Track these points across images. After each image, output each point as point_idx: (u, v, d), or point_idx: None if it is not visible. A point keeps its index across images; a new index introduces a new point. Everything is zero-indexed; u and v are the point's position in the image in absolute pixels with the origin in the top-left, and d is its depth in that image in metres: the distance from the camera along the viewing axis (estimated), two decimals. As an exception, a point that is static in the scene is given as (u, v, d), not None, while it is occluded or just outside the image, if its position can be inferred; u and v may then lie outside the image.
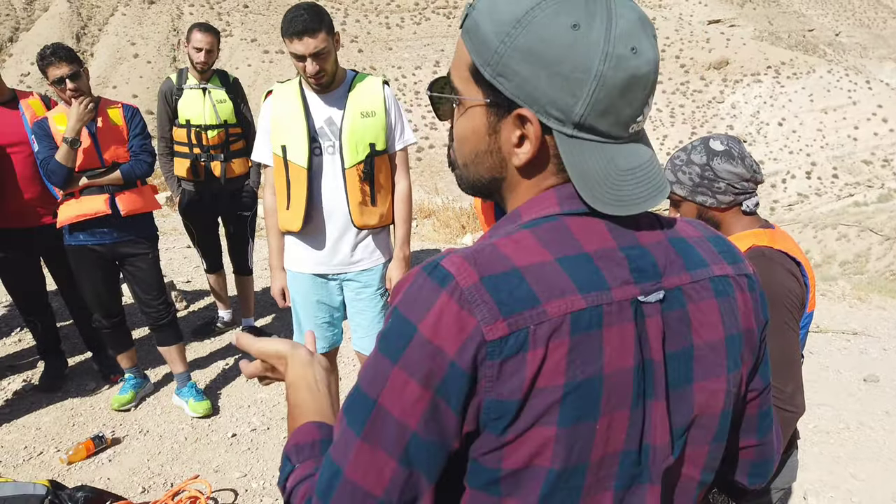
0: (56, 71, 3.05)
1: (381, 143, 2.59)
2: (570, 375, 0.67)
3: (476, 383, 0.67)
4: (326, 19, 2.40)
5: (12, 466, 3.14)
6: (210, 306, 5.04)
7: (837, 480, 3.27)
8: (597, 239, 0.72)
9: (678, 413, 0.76)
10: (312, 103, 2.55)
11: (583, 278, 0.69)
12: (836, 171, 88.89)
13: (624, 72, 0.68)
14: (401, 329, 0.69)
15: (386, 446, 0.69)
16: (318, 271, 2.71)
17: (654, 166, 0.75)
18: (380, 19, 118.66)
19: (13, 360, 4.13)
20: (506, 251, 0.70)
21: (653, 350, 0.73)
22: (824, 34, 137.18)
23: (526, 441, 0.68)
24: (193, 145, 3.94)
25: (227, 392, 3.82)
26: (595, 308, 0.68)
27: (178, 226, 7.35)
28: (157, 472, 3.12)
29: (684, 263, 0.77)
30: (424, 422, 0.68)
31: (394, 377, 0.68)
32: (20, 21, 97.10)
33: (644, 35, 0.70)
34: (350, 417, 0.72)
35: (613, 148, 0.72)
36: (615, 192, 0.71)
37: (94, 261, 3.34)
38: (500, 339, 0.66)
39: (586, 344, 0.68)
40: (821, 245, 30.35)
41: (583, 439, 0.69)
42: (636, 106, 0.71)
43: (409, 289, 0.71)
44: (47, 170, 3.10)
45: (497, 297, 0.66)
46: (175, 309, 3.68)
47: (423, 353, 0.67)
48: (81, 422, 3.50)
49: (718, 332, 0.78)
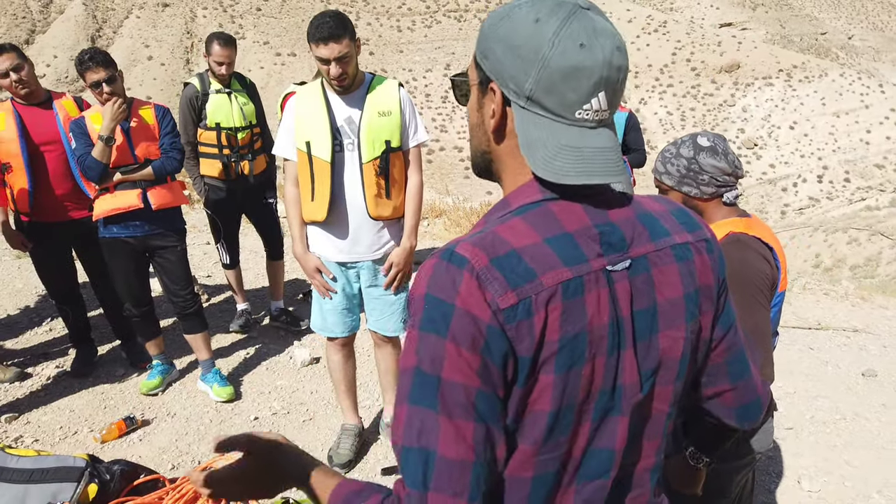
0: (94, 75, 3.24)
1: (396, 140, 2.80)
2: (563, 332, 0.85)
3: (509, 341, 0.83)
4: (350, 26, 2.61)
5: (49, 445, 3.34)
6: (231, 299, 5.23)
7: (831, 467, 3.41)
8: (576, 219, 0.89)
9: (646, 358, 0.94)
10: (334, 103, 2.76)
11: (567, 254, 0.87)
12: (847, 175, 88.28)
13: (567, 60, 0.85)
14: (441, 309, 0.83)
15: (461, 413, 0.82)
16: (339, 259, 2.91)
17: (603, 154, 0.89)
18: (391, 22, 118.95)
19: (46, 348, 4.34)
20: (504, 236, 0.87)
21: (622, 309, 0.90)
22: (837, 37, 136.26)
23: (534, 389, 0.86)
24: (223, 146, 4.14)
25: (248, 378, 4.01)
26: (579, 277, 0.86)
27: (198, 223, 7.56)
28: (185, 450, 3.31)
29: (649, 235, 0.94)
30: (481, 378, 0.83)
31: (449, 350, 0.82)
32: (36, 23, 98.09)
33: (599, 40, 0.85)
34: (421, 400, 0.83)
35: (558, 126, 0.88)
36: (550, 161, 0.87)
37: (126, 252, 3.54)
38: (512, 307, 0.82)
39: (574, 306, 0.86)
40: (831, 249, 30.23)
41: (572, 383, 0.87)
42: (581, 93, 0.86)
43: (434, 275, 0.86)
44: (84, 166, 3.30)
45: (504, 273, 0.83)
46: (200, 299, 3.87)
47: (465, 322, 0.82)
48: (112, 405, 3.70)
49: (678, 290, 0.95)
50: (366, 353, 4.27)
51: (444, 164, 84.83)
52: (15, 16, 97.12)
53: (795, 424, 3.80)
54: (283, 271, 4.76)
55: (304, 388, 3.93)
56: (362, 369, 4.06)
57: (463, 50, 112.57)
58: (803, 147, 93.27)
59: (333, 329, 3.03)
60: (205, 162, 4.23)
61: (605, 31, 0.87)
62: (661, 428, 1.00)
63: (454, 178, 75.09)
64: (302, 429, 3.53)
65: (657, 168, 1.88)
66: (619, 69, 0.87)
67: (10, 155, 3.55)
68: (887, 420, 3.94)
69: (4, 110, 3.58)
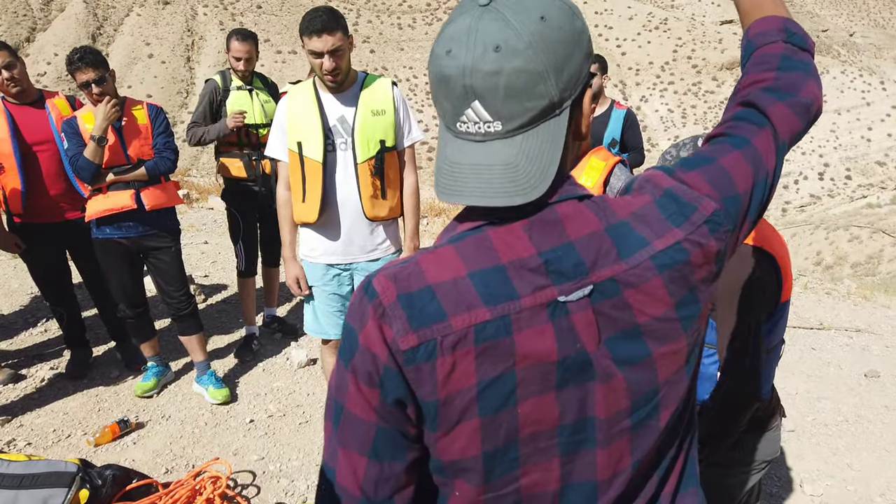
0: (83, 76, 3.20)
1: (390, 139, 2.76)
2: (481, 375, 0.79)
3: (407, 384, 0.79)
4: (342, 21, 2.58)
5: (42, 448, 3.30)
6: (228, 299, 5.20)
7: (834, 470, 3.37)
8: (515, 248, 0.80)
9: (640, 383, 0.84)
10: (326, 102, 2.71)
11: (491, 291, 0.79)
12: (849, 172, 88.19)
13: (436, 68, 0.81)
14: (348, 338, 0.83)
15: (355, 447, 0.82)
16: (331, 261, 2.86)
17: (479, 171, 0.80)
18: (392, 20, 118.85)
19: (40, 349, 4.30)
20: (425, 268, 0.81)
21: (585, 342, 0.81)
22: (838, 34, 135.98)
23: (457, 436, 0.81)
24: (245, 144, 4.06)
25: (244, 380, 3.97)
26: (501, 318, 0.78)
27: (196, 222, 7.53)
28: (179, 454, 3.27)
29: (618, 252, 0.81)
30: (380, 414, 0.81)
31: (350, 381, 0.82)
32: (37, 21, 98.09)
33: (469, 42, 0.76)
34: (330, 422, 0.86)
35: (448, 136, 0.84)
36: (436, 174, 0.84)
37: (119, 253, 3.49)
38: (412, 349, 0.78)
39: (493, 349, 0.78)
40: (832, 247, 30.18)
41: (507, 423, 0.81)
42: (452, 102, 0.80)
43: (353, 302, 0.84)
44: (76, 166, 3.26)
45: (410, 312, 0.78)
46: (196, 300, 3.83)
47: (364, 358, 0.80)
48: (106, 407, 3.66)
49: (665, 304, 0.83)
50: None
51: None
52: (16, 13, 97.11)
53: (797, 426, 3.76)
54: (277, 278, 4.67)
55: (300, 390, 3.89)
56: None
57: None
58: (804, 144, 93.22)
59: (327, 331, 2.99)
60: (228, 160, 4.13)
61: (483, 31, 0.76)
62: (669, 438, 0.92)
63: (455, 175, 74.65)
64: (298, 431, 3.49)
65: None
66: (491, 75, 0.75)
67: (2, 155, 3.50)
68: (890, 422, 3.90)
69: (-4, 110, 3.53)
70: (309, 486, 3.05)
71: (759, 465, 1.84)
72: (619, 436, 0.86)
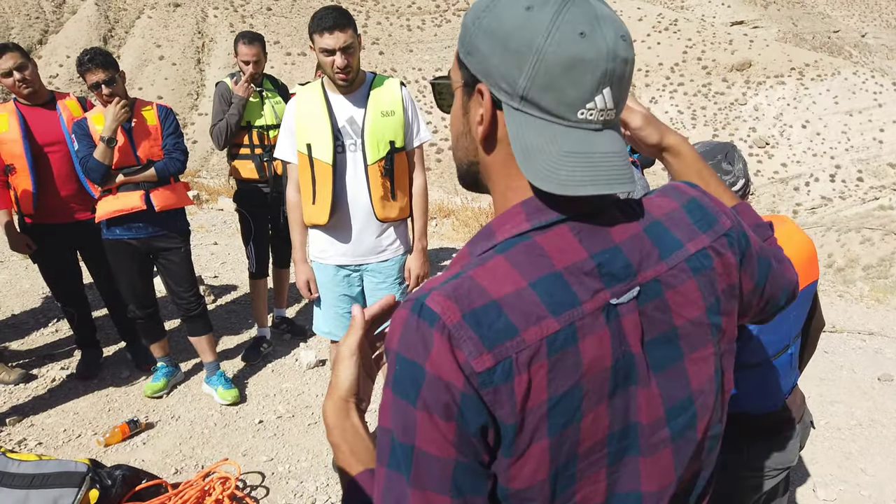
0: (93, 77, 3.21)
1: (399, 140, 2.76)
2: (553, 390, 0.74)
3: (487, 408, 0.73)
4: (353, 19, 2.59)
5: (53, 448, 3.31)
6: (238, 300, 5.21)
7: (847, 475, 3.34)
8: (567, 253, 0.78)
9: (673, 389, 0.83)
10: (335, 104, 2.69)
11: (555, 299, 0.75)
12: (860, 173, 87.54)
13: (566, 51, 0.73)
14: (411, 372, 0.74)
15: (436, 486, 0.73)
16: (342, 262, 2.85)
17: (613, 158, 0.78)
18: (401, 21, 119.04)
19: (51, 349, 4.32)
20: (482, 282, 0.75)
21: (631, 344, 0.79)
22: (850, 35, 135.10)
23: (527, 461, 0.75)
24: (255, 146, 4.06)
25: (253, 381, 3.97)
26: (568, 327, 0.75)
27: (205, 223, 7.56)
28: (189, 454, 3.28)
29: (659, 253, 0.82)
30: (458, 448, 0.73)
31: (420, 419, 0.73)
32: (49, 24, 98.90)
33: (602, 28, 0.74)
34: (394, 465, 0.76)
35: (559, 129, 0.77)
36: (553, 170, 0.75)
37: (129, 254, 3.51)
38: (488, 370, 0.72)
39: (564, 360, 0.74)
40: (844, 249, 29.96)
41: (570, 440, 0.77)
42: (583, 90, 0.75)
43: (403, 333, 0.75)
44: (86, 167, 3.27)
45: (479, 331, 0.72)
46: (205, 301, 3.83)
47: (436, 388, 0.72)
48: (116, 407, 3.67)
49: (699, 308, 0.84)
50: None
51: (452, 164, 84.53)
52: (28, 16, 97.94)
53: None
54: (288, 279, 4.67)
55: (309, 391, 3.89)
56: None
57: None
58: (815, 146, 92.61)
59: (335, 332, 2.98)
60: (240, 163, 4.13)
61: (608, 17, 0.76)
62: (705, 452, 0.90)
63: (464, 177, 74.56)
64: (307, 432, 3.49)
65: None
66: (625, 61, 0.76)
67: (13, 156, 3.52)
68: (904, 426, 3.85)
69: (7, 111, 3.56)
70: (318, 488, 3.04)
71: (771, 471, 1.82)
72: (661, 445, 0.84)
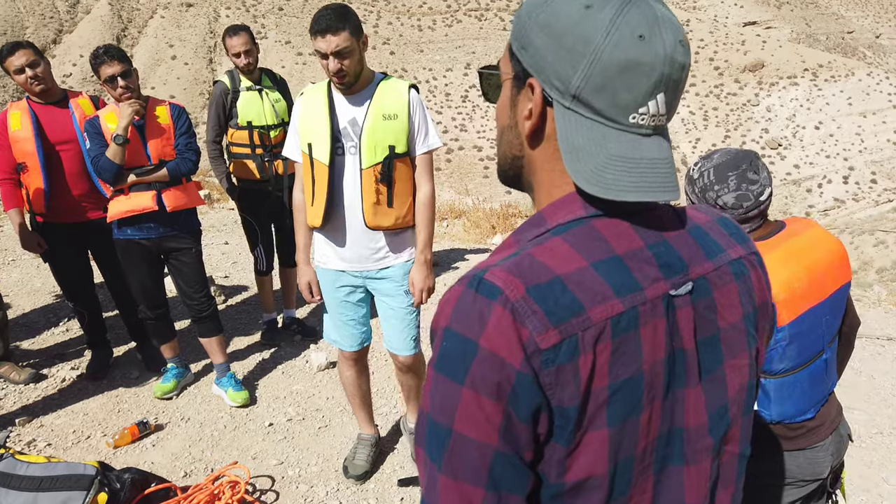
0: (108, 69, 3.18)
1: (401, 145, 2.61)
2: (614, 376, 0.71)
3: (542, 391, 0.69)
4: (353, 20, 2.43)
5: (62, 449, 3.29)
6: (248, 300, 5.18)
7: (868, 484, 3.26)
8: (625, 239, 0.76)
9: (713, 394, 0.81)
10: (339, 104, 2.61)
11: (618, 281, 0.73)
12: (874, 175, 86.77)
13: (624, 53, 0.71)
14: (462, 347, 0.70)
15: (469, 477, 0.70)
16: (341, 268, 2.76)
17: (660, 165, 0.76)
18: (412, 21, 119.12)
19: (62, 349, 4.31)
20: (544, 260, 0.72)
21: (684, 340, 0.77)
22: (864, 36, 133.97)
23: (584, 450, 0.72)
24: (256, 146, 4.01)
25: (264, 383, 3.94)
26: (632, 309, 0.72)
27: (216, 223, 7.55)
28: (198, 457, 3.25)
29: (705, 253, 0.82)
30: (502, 436, 0.69)
31: (465, 398, 0.69)
32: (63, 23, 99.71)
33: (661, 32, 0.72)
34: (429, 450, 0.73)
35: (609, 131, 0.74)
36: (599, 173, 0.73)
37: (140, 254, 3.48)
38: (554, 347, 0.68)
39: (626, 345, 0.72)
40: (857, 251, 29.69)
41: (629, 436, 0.73)
42: (637, 93, 0.73)
43: (458, 307, 0.72)
44: (98, 167, 3.25)
45: (545, 306, 0.69)
46: (216, 302, 3.80)
47: (490, 366, 0.68)
48: (126, 408, 3.65)
49: (739, 313, 0.84)
50: (383, 358, 4.19)
51: (463, 164, 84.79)
52: (43, 16, 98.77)
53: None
54: (295, 279, 4.63)
55: (319, 394, 3.85)
56: (379, 374, 3.98)
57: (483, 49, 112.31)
58: (829, 147, 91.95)
59: (342, 342, 2.90)
60: (239, 162, 4.08)
61: (668, 20, 0.73)
62: (736, 473, 0.87)
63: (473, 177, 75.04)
64: (317, 436, 3.45)
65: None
66: (682, 67, 0.74)
67: (25, 154, 3.51)
68: (926, 435, 3.77)
69: (20, 109, 3.55)
70: (328, 493, 3.00)
71: (797, 481, 1.77)
72: (703, 454, 0.81)
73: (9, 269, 5.75)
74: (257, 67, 4.05)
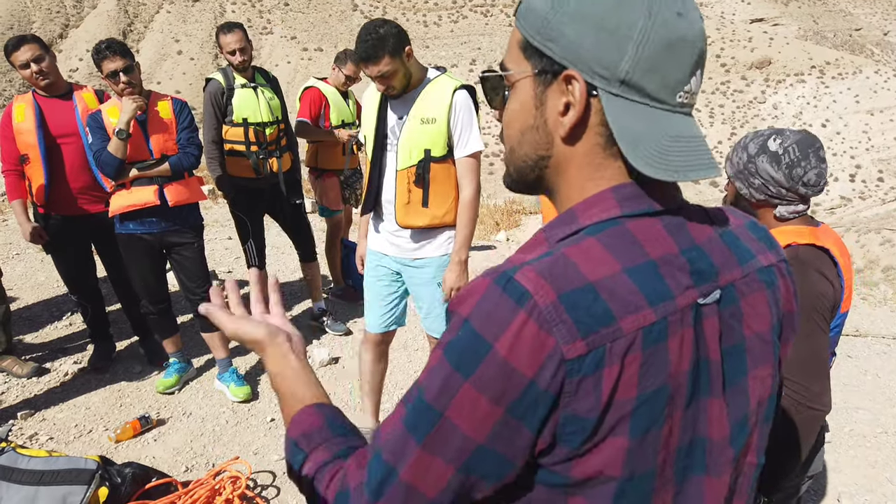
0: (110, 64, 3.18)
1: (438, 148, 2.65)
2: (642, 388, 0.69)
3: (555, 401, 0.68)
4: (390, 43, 2.47)
5: (64, 443, 3.29)
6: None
7: (873, 484, 3.24)
8: (660, 244, 0.74)
9: (736, 405, 0.79)
10: (392, 102, 2.72)
11: (651, 289, 0.70)
12: (881, 174, 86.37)
13: (670, 31, 0.70)
14: (475, 345, 0.68)
15: (447, 455, 0.70)
16: (381, 250, 2.91)
17: (702, 142, 0.75)
18: (417, 17, 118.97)
19: (64, 343, 4.31)
20: (578, 262, 0.70)
21: (710, 349, 0.75)
22: (872, 33, 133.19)
23: (598, 453, 0.70)
24: (251, 143, 4.01)
25: (266, 378, 3.93)
26: (662, 320, 0.70)
27: (220, 218, 7.55)
28: (200, 452, 3.24)
29: (736, 259, 0.79)
30: (492, 437, 0.69)
31: (464, 392, 0.68)
32: (70, 18, 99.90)
33: (689, 8, 0.72)
34: (411, 423, 0.72)
35: (661, 114, 0.73)
36: (663, 156, 0.71)
37: (142, 249, 3.47)
38: (579, 358, 0.66)
39: (656, 355, 0.70)
40: (864, 250, 29.55)
41: (650, 447, 0.71)
42: (684, 70, 0.72)
43: (481, 302, 0.70)
44: (100, 161, 3.24)
45: (575, 315, 0.67)
46: (218, 297, 3.79)
47: (499, 372, 0.67)
48: (128, 403, 3.65)
49: (766, 322, 0.81)
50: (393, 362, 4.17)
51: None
52: (49, 10, 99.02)
53: (834, 438, 3.62)
54: (318, 272, 4.62)
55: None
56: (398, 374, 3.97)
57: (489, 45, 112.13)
58: (835, 145, 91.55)
59: (367, 320, 3.02)
60: (232, 160, 4.07)
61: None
62: (750, 484, 0.85)
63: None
64: (319, 432, 3.44)
65: (728, 155, 1.75)
66: (705, 41, 0.75)
67: (27, 146, 3.51)
68: (932, 435, 3.74)
69: (25, 102, 3.55)
70: (329, 489, 2.99)
71: (806, 479, 1.76)
72: (725, 467, 0.79)
73: (13, 263, 5.75)
74: (252, 67, 4.05)
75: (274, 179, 4.14)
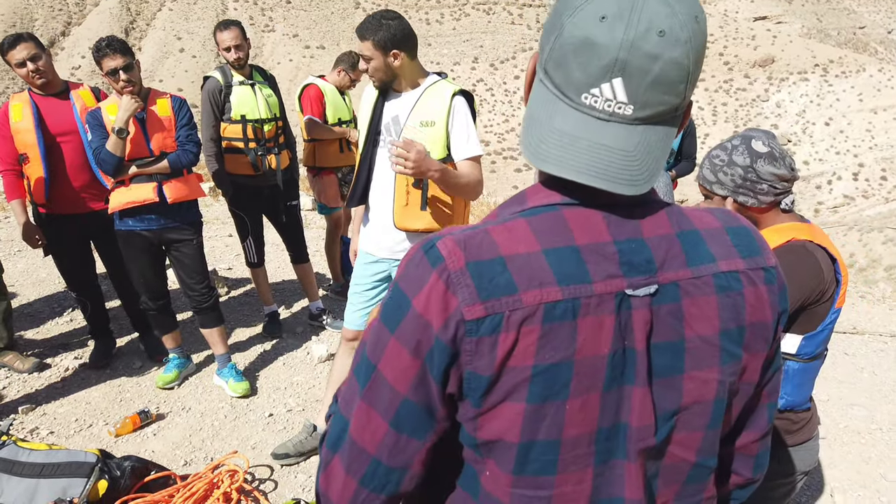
0: (110, 62, 3.20)
1: (438, 152, 2.64)
2: (540, 358, 0.75)
3: (458, 356, 0.76)
4: (381, 33, 2.51)
5: (64, 437, 3.32)
6: (251, 292, 5.21)
7: (866, 480, 3.26)
8: (591, 232, 0.78)
9: (665, 399, 0.81)
10: (389, 99, 2.74)
11: (565, 271, 0.76)
12: (884, 172, 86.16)
13: (580, 31, 0.72)
14: (399, 302, 0.79)
15: (380, 409, 0.80)
16: (367, 249, 2.90)
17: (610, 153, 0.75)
18: (419, 15, 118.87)
19: (65, 339, 4.35)
20: (497, 238, 0.77)
21: (636, 340, 0.78)
22: (876, 32, 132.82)
23: (498, 415, 0.77)
24: (249, 140, 4.03)
25: (264, 374, 3.97)
26: (572, 300, 0.75)
27: (220, 215, 7.57)
28: (199, 446, 3.27)
29: (686, 259, 0.81)
30: (413, 387, 0.78)
31: (391, 346, 0.78)
32: (72, 16, 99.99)
33: (633, 16, 0.70)
34: (357, 375, 0.83)
35: (562, 107, 0.76)
36: (539, 143, 0.76)
37: (141, 245, 3.50)
38: (477, 320, 0.74)
39: (558, 332, 0.75)
40: (866, 249, 29.51)
41: (551, 417, 0.77)
42: (589, 73, 0.72)
43: (408, 265, 0.80)
44: (99, 158, 3.26)
45: (479, 282, 0.75)
46: (217, 293, 3.83)
47: (415, 325, 0.76)
48: (128, 398, 3.68)
49: (713, 327, 0.81)
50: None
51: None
52: (52, 8, 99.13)
53: (828, 434, 3.64)
54: (311, 272, 4.64)
55: (320, 385, 3.87)
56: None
57: (491, 43, 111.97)
58: (839, 144, 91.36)
59: (346, 318, 3.01)
60: (230, 157, 4.09)
61: (652, 9, 0.71)
62: (686, 476, 0.88)
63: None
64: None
65: (705, 177, 1.72)
66: (650, 57, 0.71)
67: (26, 145, 3.53)
68: (926, 431, 3.76)
69: (22, 101, 3.57)
70: (326, 483, 3.02)
71: (799, 476, 1.78)
72: (642, 454, 0.82)
73: (14, 260, 5.79)
74: (249, 65, 4.08)
75: (272, 178, 4.16)
